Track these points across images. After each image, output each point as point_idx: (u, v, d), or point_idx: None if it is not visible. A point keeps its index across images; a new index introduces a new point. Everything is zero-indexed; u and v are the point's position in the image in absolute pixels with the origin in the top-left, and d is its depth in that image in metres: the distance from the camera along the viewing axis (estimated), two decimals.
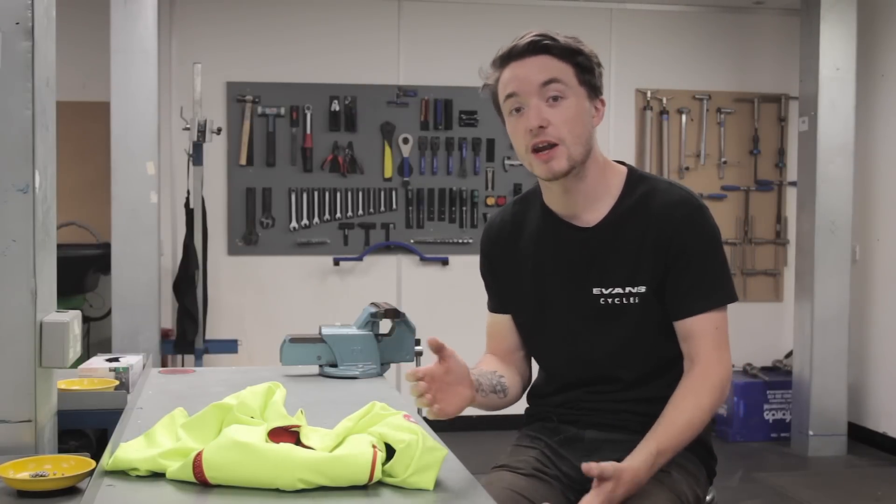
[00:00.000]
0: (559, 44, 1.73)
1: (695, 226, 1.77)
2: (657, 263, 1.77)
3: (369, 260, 5.53)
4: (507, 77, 1.77)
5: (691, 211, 1.77)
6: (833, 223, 5.08)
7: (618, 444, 1.82)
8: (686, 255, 1.76)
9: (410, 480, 1.32)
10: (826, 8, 5.04)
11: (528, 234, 1.90)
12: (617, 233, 1.80)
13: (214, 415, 1.46)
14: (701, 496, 1.85)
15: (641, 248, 1.78)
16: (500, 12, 5.54)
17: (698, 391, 1.73)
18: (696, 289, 1.76)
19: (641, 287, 1.77)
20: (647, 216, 1.78)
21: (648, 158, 5.75)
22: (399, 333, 2.28)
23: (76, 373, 2.02)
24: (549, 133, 1.72)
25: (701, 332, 1.75)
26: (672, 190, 1.81)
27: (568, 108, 1.73)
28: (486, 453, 2.63)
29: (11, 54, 1.50)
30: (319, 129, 5.47)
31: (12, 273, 1.51)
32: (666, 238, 1.76)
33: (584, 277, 1.81)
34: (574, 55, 1.74)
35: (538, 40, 1.73)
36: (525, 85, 1.73)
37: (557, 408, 1.91)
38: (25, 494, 1.38)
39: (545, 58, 1.73)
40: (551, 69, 1.73)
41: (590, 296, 1.81)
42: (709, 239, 1.78)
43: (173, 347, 4.87)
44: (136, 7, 4.55)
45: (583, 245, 1.82)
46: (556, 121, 1.72)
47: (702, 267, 1.77)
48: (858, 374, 5.36)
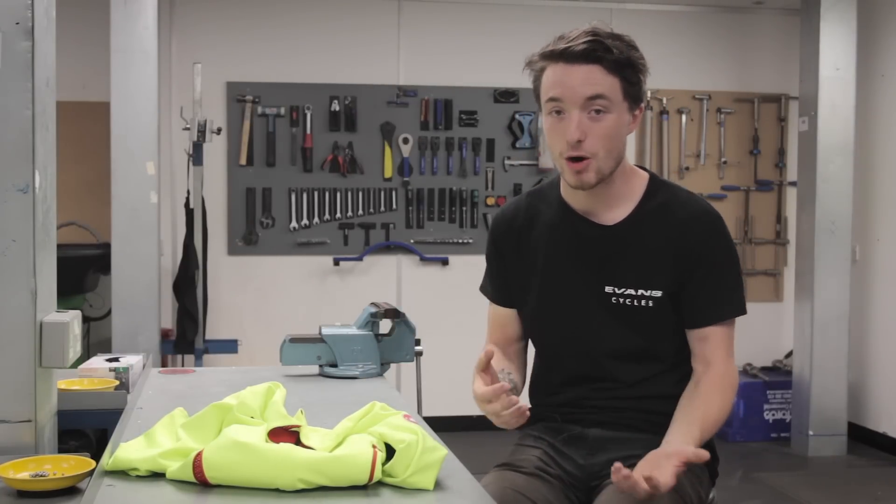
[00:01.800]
0: (612, 56, 1.71)
1: (717, 238, 1.81)
2: (675, 271, 1.79)
3: (369, 260, 5.53)
4: (553, 78, 1.74)
5: (714, 223, 1.81)
6: (833, 223, 5.08)
7: (622, 442, 1.82)
8: (707, 265, 1.79)
9: (410, 480, 1.32)
10: (826, 8, 5.03)
11: (542, 226, 1.90)
12: (635, 235, 1.81)
13: (214, 415, 1.46)
14: (704, 497, 1.86)
15: (660, 254, 1.80)
16: (500, 12, 5.53)
17: (724, 390, 1.78)
18: (713, 299, 1.80)
19: (657, 291, 1.80)
20: (669, 223, 1.81)
21: (648, 158, 5.75)
22: (399, 333, 2.29)
23: (76, 373, 2.02)
24: (585, 147, 1.73)
25: (716, 339, 1.80)
26: (694, 200, 1.84)
27: (608, 124, 1.73)
28: (486, 453, 2.63)
29: (11, 54, 1.50)
30: (319, 129, 5.47)
31: (12, 273, 1.51)
32: (688, 247, 1.79)
33: (597, 274, 1.83)
34: (624, 68, 1.73)
35: (592, 49, 1.70)
36: (571, 94, 1.72)
37: (561, 407, 1.92)
38: (25, 494, 1.38)
39: (595, 69, 1.71)
40: (599, 83, 1.71)
41: (601, 293, 1.82)
42: (729, 251, 1.83)
43: (173, 347, 4.87)
44: (136, 7, 4.55)
45: (599, 242, 1.83)
46: (594, 135, 1.72)
47: (722, 278, 1.81)
48: (858, 374, 5.36)
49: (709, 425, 1.74)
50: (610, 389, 1.85)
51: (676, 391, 1.81)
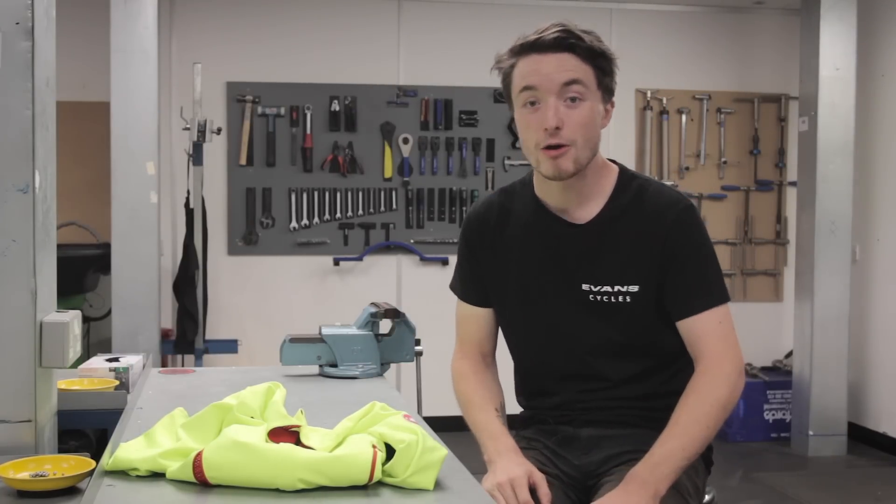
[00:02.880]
0: (585, 44, 1.71)
1: (687, 227, 1.78)
2: (651, 263, 1.77)
3: (369, 260, 5.53)
4: (526, 68, 1.73)
5: (682, 212, 1.78)
6: (833, 223, 5.08)
7: (616, 439, 1.82)
8: (682, 255, 1.77)
9: (410, 480, 1.32)
10: (826, 8, 5.04)
11: (516, 224, 1.89)
12: (608, 231, 1.80)
13: (214, 415, 1.46)
14: (700, 486, 1.85)
15: (634, 248, 1.78)
16: (500, 12, 5.54)
17: (711, 384, 1.73)
18: (696, 288, 1.77)
19: (634, 286, 1.78)
20: (640, 216, 1.79)
21: (648, 158, 5.75)
22: (399, 333, 2.28)
23: (76, 373, 2.02)
24: (563, 135, 1.71)
25: (704, 330, 1.76)
26: (663, 191, 1.82)
27: (584, 110, 1.71)
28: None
29: (11, 54, 1.50)
30: (319, 129, 5.47)
31: (12, 273, 1.51)
32: (659, 239, 1.76)
33: (574, 273, 1.81)
34: (596, 57, 1.73)
35: (565, 37, 1.70)
36: (546, 82, 1.70)
37: (552, 410, 1.91)
38: (25, 494, 1.38)
39: (569, 56, 1.71)
40: (575, 69, 1.71)
41: (579, 291, 1.81)
42: (701, 239, 1.79)
43: (173, 347, 4.87)
44: (136, 7, 4.55)
45: (574, 240, 1.82)
46: (572, 123, 1.70)
47: (698, 266, 1.78)
48: (858, 374, 5.36)
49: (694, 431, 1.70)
50: (597, 389, 1.84)
51: (671, 387, 1.79)
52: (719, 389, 1.72)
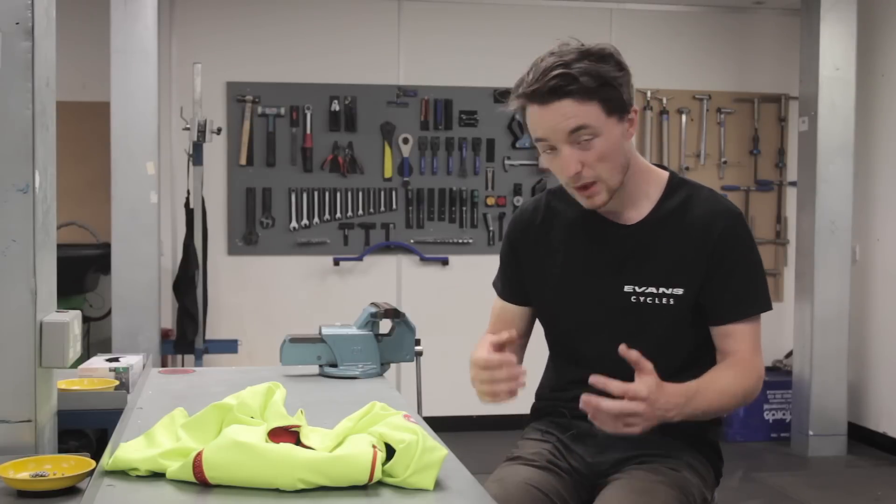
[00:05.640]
0: (580, 85, 1.67)
1: (738, 235, 1.81)
2: (698, 268, 1.79)
3: (369, 260, 5.53)
4: (533, 119, 1.74)
5: (735, 220, 1.81)
6: (833, 223, 5.08)
7: (632, 441, 1.82)
8: (730, 263, 1.79)
9: (410, 480, 1.32)
10: (826, 8, 5.04)
11: (562, 225, 1.91)
12: (657, 233, 1.82)
13: (214, 415, 1.46)
14: (708, 498, 1.85)
15: (682, 252, 1.80)
16: (500, 12, 5.53)
17: (742, 371, 1.77)
18: (740, 295, 1.80)
19: (678, 289, 1.79)
20: (689, 220, 1.81)
21: (649, 158, 5.71)
22: (399, 333, 2.28)
23: (76, 373, 2.02)
24: (586, 175, 1.74)
25: (740, 336, 1.79)
26: (715, 198, 1.85)
27: (599, 147, 1.71)
28: (486, 453, 2.64)
29: (11, 54, 1.50)
30: (319, 129, 5.47)
31: (12, 273, 1.51)
32: (710, 244, 1.79)
33: (618, 274, 1.83)
34: (598, 91, 1.69)
35: (560, 86, 1.67)
36: (553, 133, 1.71)
37: (570, 402, 1.91)
38: (25, 494, 1.38)
39: (569, 103, 1.68)
40: (577, 115, 1.68)
41: (621, 293, 1.82)
42: (751, 248, 1.83)
43: (173, 347, 4.87)
44: (136, 7, 4.55)
45: (621, 242, 1.84)
46: (591, 161, 1.72)
47: (745, 275, 1.81)
48: (858, 374, 5.36)
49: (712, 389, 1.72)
50: None
51: None
52: (749, 380, 1.77)
